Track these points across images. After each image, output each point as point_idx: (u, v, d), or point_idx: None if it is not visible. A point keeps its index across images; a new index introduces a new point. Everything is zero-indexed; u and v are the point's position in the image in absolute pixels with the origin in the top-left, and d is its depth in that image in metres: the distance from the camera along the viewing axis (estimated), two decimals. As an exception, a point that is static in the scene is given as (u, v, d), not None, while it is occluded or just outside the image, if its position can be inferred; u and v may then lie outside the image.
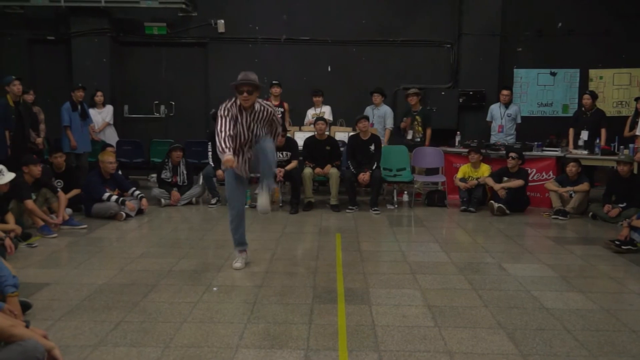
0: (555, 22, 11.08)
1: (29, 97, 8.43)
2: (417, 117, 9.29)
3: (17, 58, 10.95)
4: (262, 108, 4.94)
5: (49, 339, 3.06)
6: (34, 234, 6.30)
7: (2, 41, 11.05)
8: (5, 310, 3.27)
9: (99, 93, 9.69)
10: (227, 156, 4.62)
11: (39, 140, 8.38)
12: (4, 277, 3.61)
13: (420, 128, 9.28)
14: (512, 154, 8.14)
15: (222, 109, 4.84)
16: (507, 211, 7.89)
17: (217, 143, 4.72)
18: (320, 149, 8.37)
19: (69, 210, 7.17)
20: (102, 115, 9.71)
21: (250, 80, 4.75)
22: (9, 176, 5.64)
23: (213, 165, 8.40)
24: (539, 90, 11.38)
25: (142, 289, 4.55)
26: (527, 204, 8.36)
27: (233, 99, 4.86)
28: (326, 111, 9.66)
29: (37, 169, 6.68)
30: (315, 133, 8.47)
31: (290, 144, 8.29)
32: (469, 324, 3.89)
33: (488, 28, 10.80)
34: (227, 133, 4.73)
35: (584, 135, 8.78)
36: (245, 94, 4.75)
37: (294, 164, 8.15)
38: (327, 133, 8.62)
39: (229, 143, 4.71)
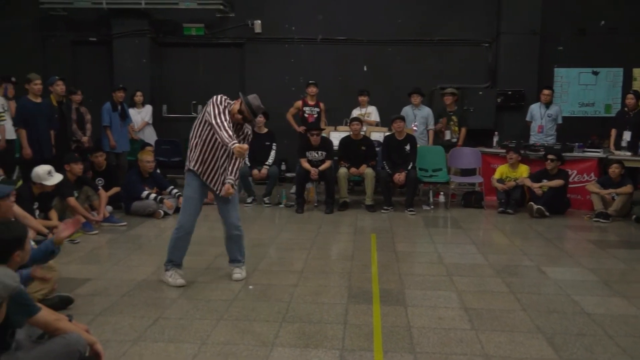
0: (598, 20, 10.81)
1: (77, 98, 8.63)
2: (453, 117, 9.20)
3: (61, 59, 11.22)
4: (246, 129, 4.68)
5: (90, 333, 3.13)
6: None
7: (47, 42, 11.36)
8: (36, 273, 3.50)
9: (139, 93, 9.86)
10: (238, 144, 4.26)
11: (85, 138, 8.58)
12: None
13: (456, 128, 9.19)
14: (550, 156, 7.97)
15: (219, 100, 4.46)
16: (547, 213, 7.73)
17: (222, 132, 4.29)
18: (356, 149, 8.36)
19: (109, 208, 7.33)
20: (141, 115, 9.88)
21: (253, 114, 4.51)
22: (57, 177, 5.82)
23: (249, 164, 8.48)
24: (581, 89, 11.11)
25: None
26: (568, 206, 8.18)
27: (228, 101, 4.54)
28: (372, 112, 9.64)
29: (78, 167, 6.85)
30: (351, 133, 8.47)
31: (326, 143, 8.30)
32: (507, 327, 3.84)
33: (528, 26, 10.59)
34: (229, 123, 4.37)
35: (627, 136, 8.54)
36: (240, 117, 4.49)
37: (327, 163, 8.15)
38: (362, 133, 8.60)
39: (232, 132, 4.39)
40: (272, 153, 8.59)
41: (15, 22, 11.07)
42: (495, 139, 9.51)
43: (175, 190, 7.89)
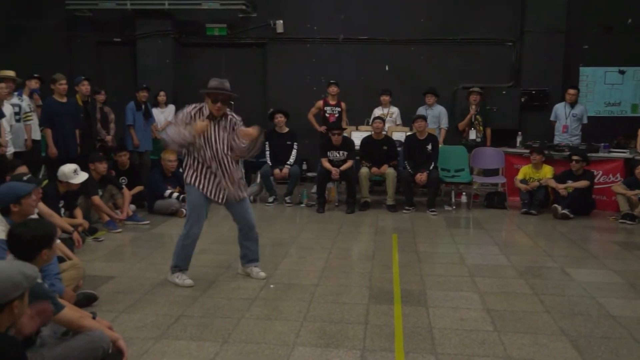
0: (625, 18, 10.61)
1: (101, 97, 8.76)
2: (478, 116, 9.13)
3: (86, 59, 11.37)
4: (230, 117, 4.69)
5: (113, 330, 3.17)
6: (100, 229, 6.54)
7: (73, 43, 11.53)
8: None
9: (162, 93, 9.95)
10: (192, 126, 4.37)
11: (109, 137, 8.70)
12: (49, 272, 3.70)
13: (481, 128, 9.12)
14: (575, 157, 7.86)
15: (185, 114, 4.49)
16: (571, 216, 7.63)
17: (170, 132, 4.42)
18: (377, 149, 8.33)
19: (133, 207, 7.41)
20: (164, 115, 9.96)
21: (226, 90, 4.54)
22: (83, 176, 5.92)
23: (271, 164, 8.51)
24: (606, 89, 10.93)
25: (201, 285, 4.66)
26: (593, 207, 8.06)
27: (199, 107, 4.56)
28: (394, 112, 9.62)
29: (102, 166, 6.94)
30: (372, 132, 8.45)
31: (347, 143, 8.29)
32: (530, 329, 3.79)
33: (552, 25, 10.45)
34: (180, 120, 4.49)
35: (654, 136, 8.39)
36: (219, 104, 4.50)
37: (349, 163, 8.14)
38: (384, 133, 8.57)
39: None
40: (294, 152, 8.62)
41: (42, 23, 11.27)
42: (519, 139, 9.41)
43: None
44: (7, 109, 7.24)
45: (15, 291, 2.42)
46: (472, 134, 9.12)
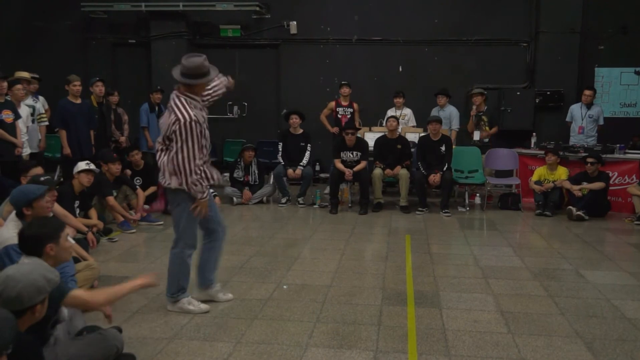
0: (641, 18, 10.52)
1: (114, 99, 8.83)
2: (484, 117, 9.08)
3: (102, 60, 11.49)
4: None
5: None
6: (114, 229, 6.59)
7: (88, 44, 11.65)
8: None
9: (176, 94, 10.01)
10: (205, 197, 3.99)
11: (122, 138, 8.76)
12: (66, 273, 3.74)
13: (487, 128, 9.07)
14: (590, 159, 7.78)
15: (191, 113, 3.73)
16: (586, 217, 7.56)
17: (195, 172, 3.96)
18: (392, 147, 8.32)
19: (147, 207, 7.45)
20: (178, 116, 10.02)
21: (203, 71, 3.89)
22: (93, 167, 5.97)
23: (284, 164, 8.53)
24: (622, 90, 10.83)
25: (214, 285, 4.67)
26: (608, 209, 7.98)
27: (187, 97, 3.84)
28: (408, 114, 9.60)
29: (116, 167, 6.99)
30: (387, 132, 8.44)
31: (361, 144, 8.28)
32: (544, 331, 3.77)
33: (567, 25, 10.37)
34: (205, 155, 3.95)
35: (671, 137, 8.30)
36: (208, 88, 4.05)
37: (363, 164, 8.14)
38: (398, 132, 8.55)
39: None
40: (307, 154, 8.62)
41: (58, 25, 11.42)
42: (533, 140, 9.35)
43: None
44: (24, 110, 7.32)
45: (39, 296, 2.47)
46: (476, 135, 9.07)
